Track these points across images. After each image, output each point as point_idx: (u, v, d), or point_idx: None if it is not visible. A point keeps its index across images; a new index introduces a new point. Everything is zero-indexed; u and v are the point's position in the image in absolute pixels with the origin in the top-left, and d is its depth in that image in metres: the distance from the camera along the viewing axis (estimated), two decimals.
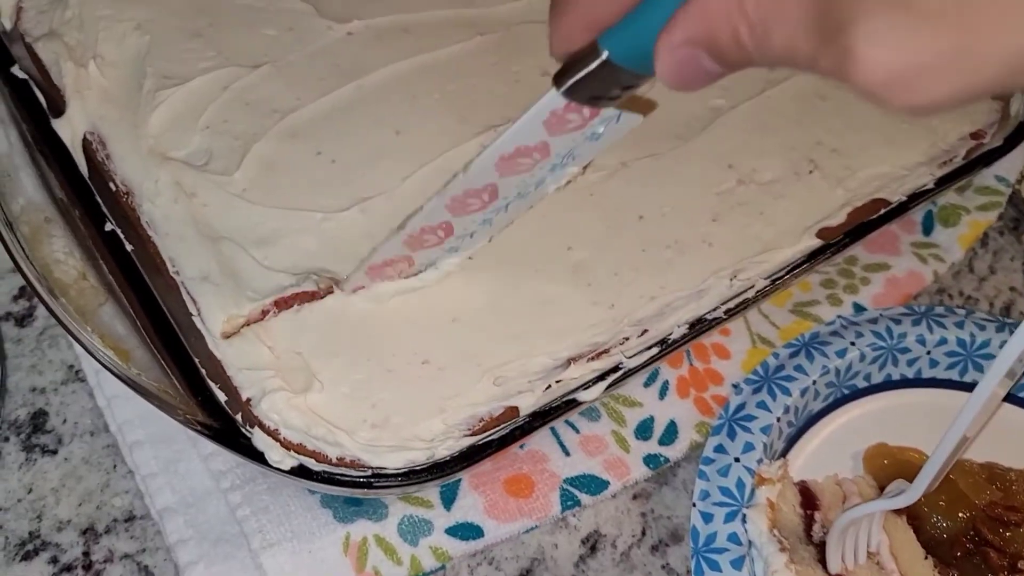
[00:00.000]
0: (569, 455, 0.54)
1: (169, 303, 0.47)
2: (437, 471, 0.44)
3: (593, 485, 0.54)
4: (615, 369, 0.48)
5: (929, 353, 0.57)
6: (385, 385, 0.46)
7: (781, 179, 0.56)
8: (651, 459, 0.55)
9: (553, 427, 0.55)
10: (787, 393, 0.54)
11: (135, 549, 0.51)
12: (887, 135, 0.59)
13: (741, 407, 0.54)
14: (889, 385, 0.58)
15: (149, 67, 0.55)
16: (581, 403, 0.47)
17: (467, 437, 0.45)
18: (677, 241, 0.53)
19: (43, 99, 0.53)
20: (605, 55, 0.31)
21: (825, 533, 0.51)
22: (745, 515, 0.50)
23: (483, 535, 0.51)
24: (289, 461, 0.43)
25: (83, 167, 0.51)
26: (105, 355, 0.44)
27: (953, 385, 0.58)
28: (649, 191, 0.55)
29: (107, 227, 0.49)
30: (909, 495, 0.47)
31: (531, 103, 0.35)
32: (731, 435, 0.53)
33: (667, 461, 0.55)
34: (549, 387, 0.47)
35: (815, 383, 0.55)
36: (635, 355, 0.48)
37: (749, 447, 0.52)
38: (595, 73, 0.32)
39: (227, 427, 0.44)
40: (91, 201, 0.50)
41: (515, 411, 0.46)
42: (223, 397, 0.45)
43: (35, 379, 0.55)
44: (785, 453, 0.55)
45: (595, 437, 0.55)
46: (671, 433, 0.56)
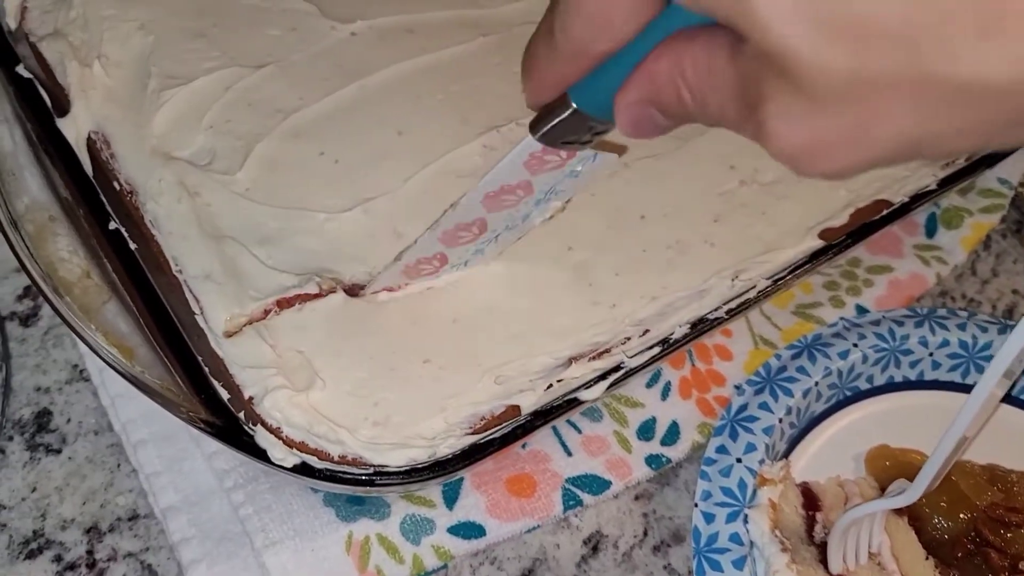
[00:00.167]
0: (571, 455, 0.54)
1: (172, 301, 0.47)
2: (439, 469, 0.44)
3: (595, 485, 0.54)
4: (617, 368, 0.48)
5: (931, 355, 0.57)
6: (387, 384, 0.46)
7: (783, 179, 0.56)
8: (653, 459, 0.55)
9: (555, 427, 0.55)
10: (789, 394, 0.54)
11: (139, 548, 0.51)
12: None
13: (743, 408, 0.54)
14: (891, 387, 0.58)
15: (153, 67, 0.55)
16: (583, 402, 0.47)
17: (469, 435, 0.45)
18: (679, 241, 0.53)
19: (47, 98, 0.53)
20: (574, 106, 0.34)
21: (827, 534, 0.51)
22: (747, 516, 0.50)
23: (485, 534, 0.51)
24: (291, 459, 0.43)
25: (87, 166, 0.52)
26: (109, 353, 0.44)
27: (955, 387, 0.58)
28: (651, 191, 0.55)
29: (111, 226, 0.49)
30: (909, 495, 0.47)
31: (510, 148, 0.39)
32: (733, 436, 0.53)
33: (669, 462, 0.55)
34: (550, 386, 0.47)
35: (817, 384, 0.55)
36: (637, 355, 0.48)
37: (751, 448, 0.52)
38: (566, 120, 0.35)
39: (230, 425, 0.44)
40: (95, 200, 0.50)
41: (516, 410, 0.46)
42: (226, 395, 0.45)
43: (39, 378, 0.56)
44: (787, 454, 0.55)
45: (597, 437, 0.55)
46: (673, 434, 0.56)
